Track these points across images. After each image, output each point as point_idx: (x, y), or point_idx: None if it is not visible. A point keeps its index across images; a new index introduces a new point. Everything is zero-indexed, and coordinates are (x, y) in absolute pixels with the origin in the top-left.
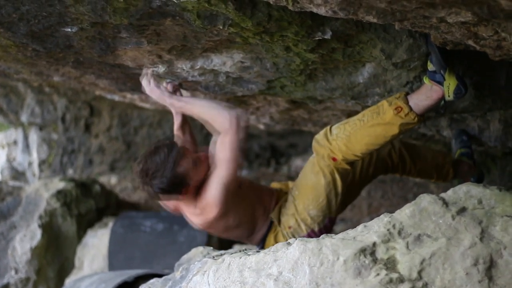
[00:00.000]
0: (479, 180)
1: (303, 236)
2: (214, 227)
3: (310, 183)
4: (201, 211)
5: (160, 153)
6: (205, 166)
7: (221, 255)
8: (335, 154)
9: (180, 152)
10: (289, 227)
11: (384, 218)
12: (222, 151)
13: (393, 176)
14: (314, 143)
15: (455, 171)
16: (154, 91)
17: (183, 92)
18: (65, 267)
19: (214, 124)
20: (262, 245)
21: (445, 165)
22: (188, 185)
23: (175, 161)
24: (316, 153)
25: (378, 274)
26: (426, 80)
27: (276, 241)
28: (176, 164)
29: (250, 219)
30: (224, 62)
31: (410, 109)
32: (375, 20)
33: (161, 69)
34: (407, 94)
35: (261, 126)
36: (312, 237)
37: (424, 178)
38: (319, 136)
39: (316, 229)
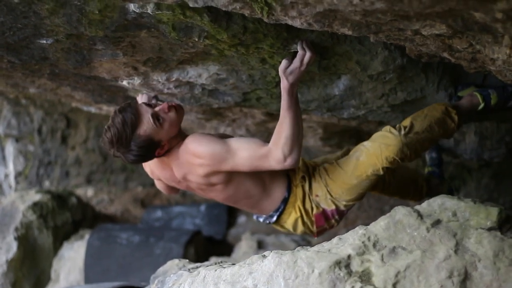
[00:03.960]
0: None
1: (327, 210)
2: (236, 175)
3: (348, 182)
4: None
5: (115, 123)
6: (173, 116)
7: (197, 267)
8: (392, 164)
9: (134, 114)
10: (316, 195)
11: (359, 231)
12: (255, 157)
13: None
14: (379, 146)
15: (428, 186)
16: None
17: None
18: (41, 280)
19: (278, 138)
20: (283, 206)
21: (418, 178)
22: (161, 145)
23: (132, 127)
24: (371, 155)
25: (353, 287)
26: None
27: (304, 206)
28: (134, 130)
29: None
30: (199, 74)
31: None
32: (350, 33)
33: (136, 81)
34: (458, 110)
35: None
36: (334, 214)
37: (401, 194)
38: (395, 147)
39: (341, 208)
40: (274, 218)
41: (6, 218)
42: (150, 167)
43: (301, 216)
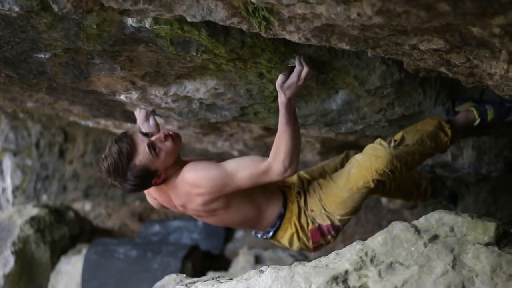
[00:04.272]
0: (452, 195)
1: (323, 225)
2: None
3: (341, 195)
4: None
5: (112, 153)
6: (169, 145)
7: (194, 282)
8: (382, 176)
9: (130, 144)
10: (312, 210)
11: (356, 246)
12: (256, 174)
13: (367, 203)
14: (369, 158)
15: (432, 187)
16: None
17: (157, 119)
18: None
19: (277, 153)
20: (279, 222)
21: (421, 180)
22: (158, 174)
23: (128, 157)
24: (361, 168)
25: None
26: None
27: (299, 221)
28: (130, 160)
29: (261, 191)
30: (197, 89)
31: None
32: (347, 47)
33: (134, 95)
34: (452, 124)
35: (235, 153)
36: (329, 229)
37: (404, 196)
38: (385, 159)
39: (336, 223)
40: (271, 234)
41: (4, 233)
42: (148, 190)
43: (297, 231)
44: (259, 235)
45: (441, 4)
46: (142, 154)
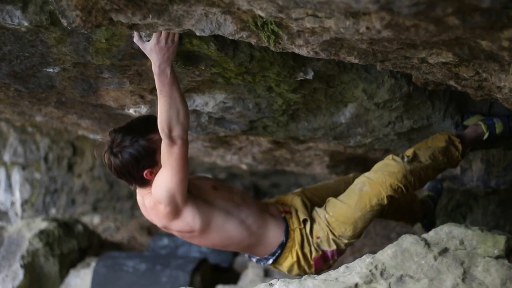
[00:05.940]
0: (430, 222)
1: (327, 252)
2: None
3: (352, 216)
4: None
5: (136, 121)
6: None
7: None
8: (396, 192)
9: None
10: (317, 237)
11: (366, 259)
12: (164, 150)
13: None
14: (382, 174)
15: (423, 209)
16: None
17: None
18: None
19: (160, 127)
20: (280, 251)
21: (413, 204)
22: (154, 166)
23: (148, 131)
24: (375, 184)
25: None
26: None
27: (302, 251)
28: (148, 133)
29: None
30: (206, 103)
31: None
32: (356, 61)
33: (143, 109)
34: (462, 139)
35: (244, 166)
36: (334, 254)
37: (395, 219)
38: (399, 174)
39: (342, 247)
40: (270, 261)
41: (13, 246)
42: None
43: (298, 260)
44: (254, 259)
45: (450, 18)
46: (160, 139)
